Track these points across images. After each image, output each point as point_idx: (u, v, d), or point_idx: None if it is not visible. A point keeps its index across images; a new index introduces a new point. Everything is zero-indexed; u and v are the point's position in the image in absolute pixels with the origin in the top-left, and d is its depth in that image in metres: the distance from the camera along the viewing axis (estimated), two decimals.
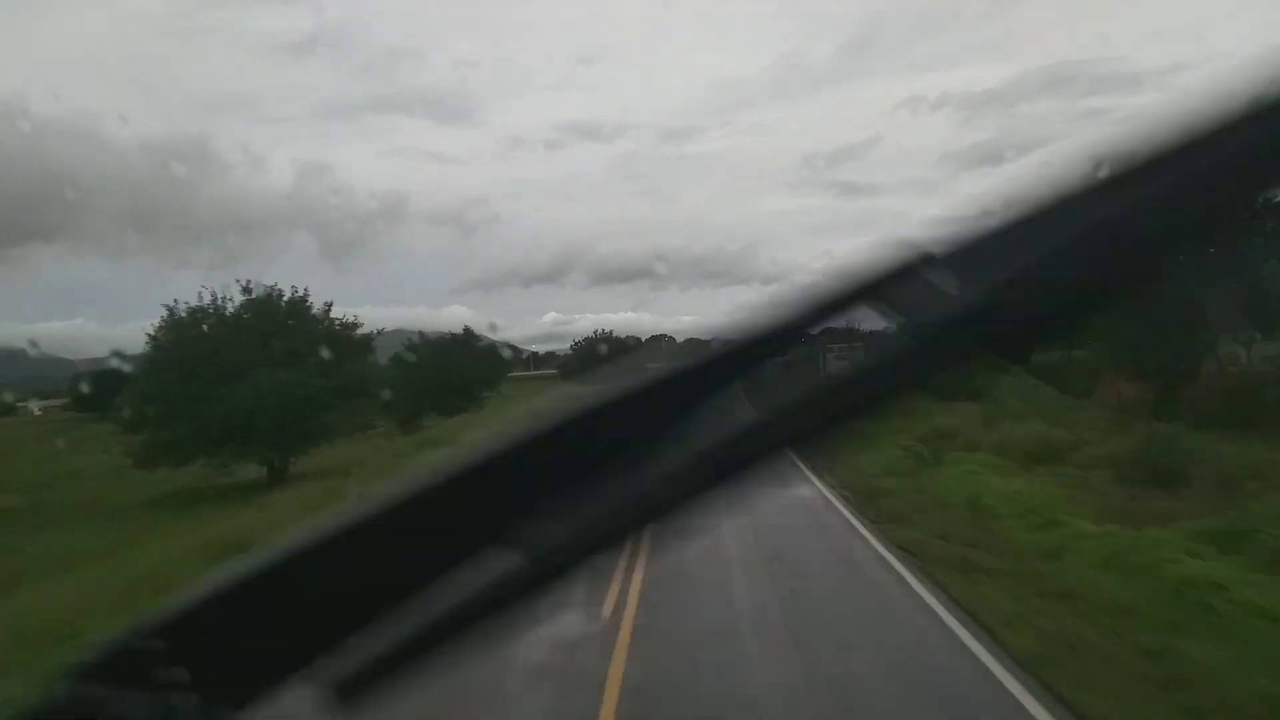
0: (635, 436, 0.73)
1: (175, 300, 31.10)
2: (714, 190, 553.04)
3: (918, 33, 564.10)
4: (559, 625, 8.09)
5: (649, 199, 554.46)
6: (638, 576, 9.87)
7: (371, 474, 22.42)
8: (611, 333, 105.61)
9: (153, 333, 30.80)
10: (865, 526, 13.15)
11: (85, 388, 62.41)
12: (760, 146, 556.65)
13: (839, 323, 0.73)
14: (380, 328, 44.21)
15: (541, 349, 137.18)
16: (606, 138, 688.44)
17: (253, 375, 29.36)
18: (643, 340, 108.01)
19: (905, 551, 11.27)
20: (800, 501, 15.05)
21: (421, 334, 67.58)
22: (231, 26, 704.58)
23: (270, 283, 32.55)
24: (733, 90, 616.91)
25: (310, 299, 33.40)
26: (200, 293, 31.49)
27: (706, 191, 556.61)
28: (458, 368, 63.05)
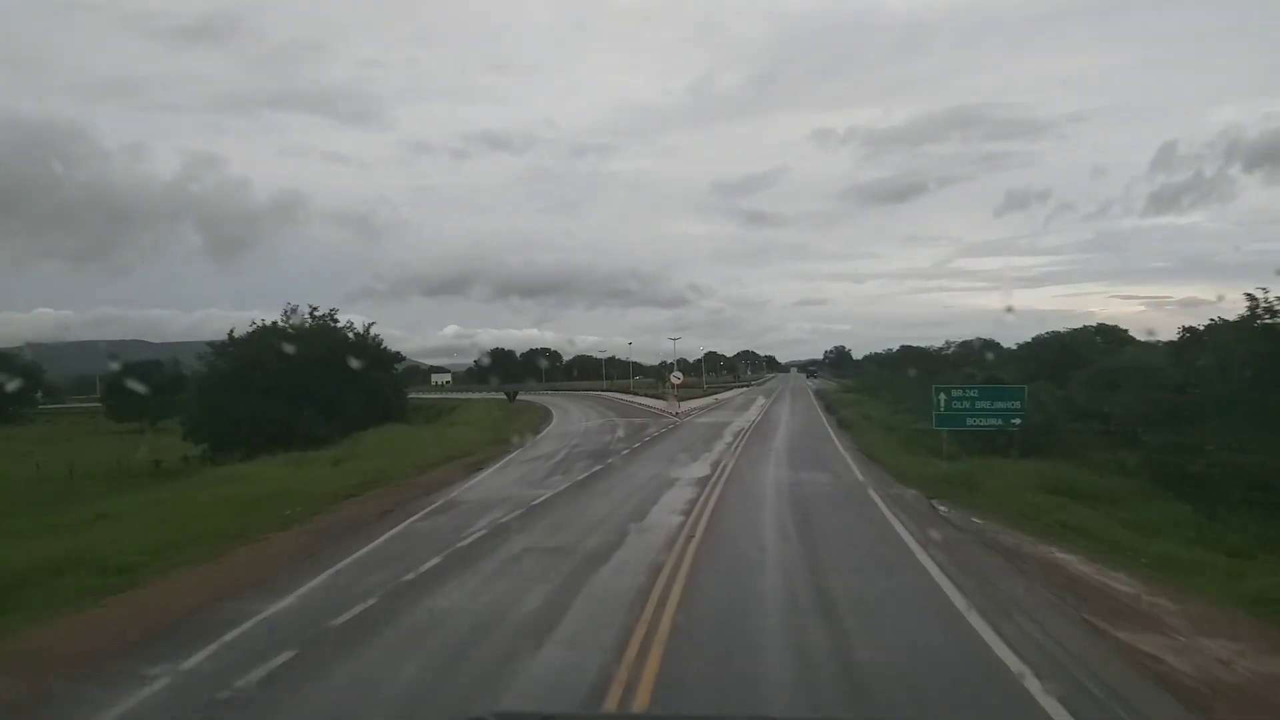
0: None
1: None
2: (624, 210, 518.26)
3: (827, 69, 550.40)
4: None
5: (557, 214, 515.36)
6: None
7: None
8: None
9: None
10: None
11: None
12: (671, 170, 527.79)
13: None
14: None
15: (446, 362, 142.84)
16: (516, 150, 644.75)
17: None
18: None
19: None
20: None
21: None
22: (114, 6, 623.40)
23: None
24: (645, 112, 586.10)
25: None
26: None
27: (616, 211, 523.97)
28: None
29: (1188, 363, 33.56)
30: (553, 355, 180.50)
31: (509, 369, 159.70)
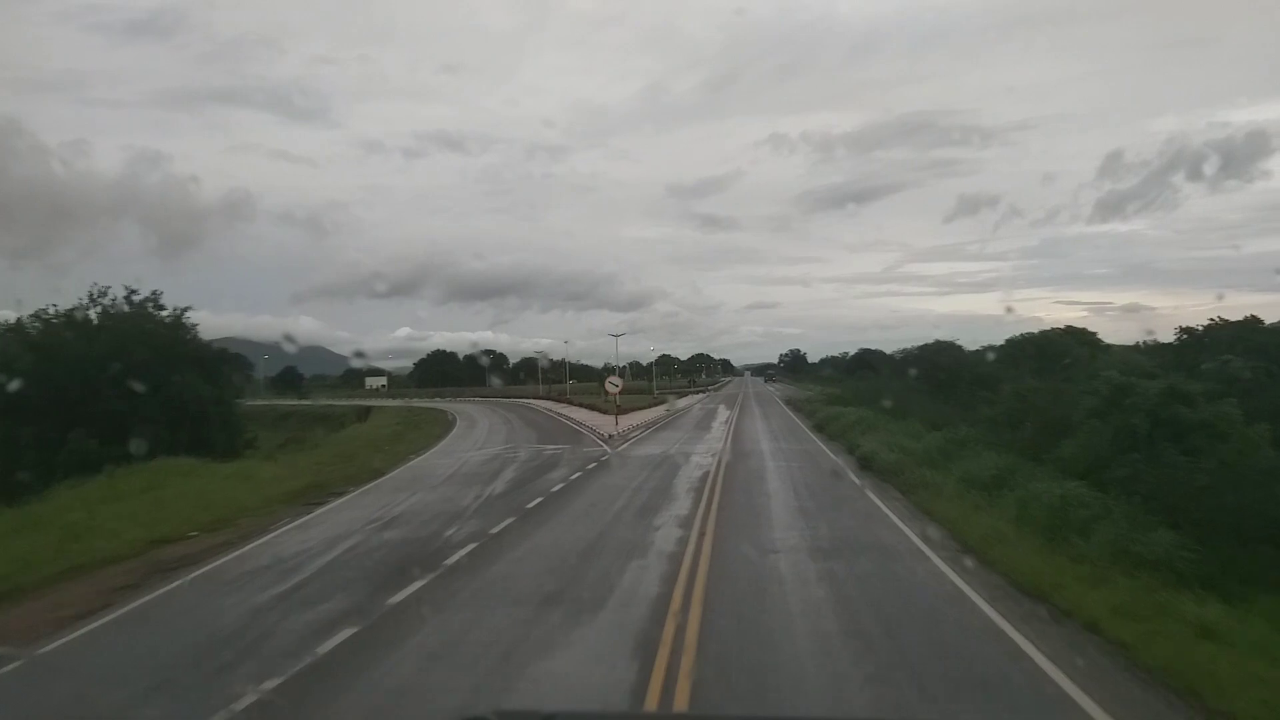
0: None
1: None
2: (579, 212, 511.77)
3: (780, 74, 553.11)
4: None
5: (512, 216, 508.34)
6: None
7: None
8: None
9: None
10: None
11: None
12: (626, 173, 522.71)
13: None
14: None
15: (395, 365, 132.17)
16: (471, 150, 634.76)
17: None
18: None
19: None
20: None
21: None
22: None
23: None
24: (600, 115, 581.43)
25: None
26: None
27: (571, 213, 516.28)
28: None
29: (1190, 365, 30.21)
30: (498, 358, 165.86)
31: (451, 372, 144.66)
